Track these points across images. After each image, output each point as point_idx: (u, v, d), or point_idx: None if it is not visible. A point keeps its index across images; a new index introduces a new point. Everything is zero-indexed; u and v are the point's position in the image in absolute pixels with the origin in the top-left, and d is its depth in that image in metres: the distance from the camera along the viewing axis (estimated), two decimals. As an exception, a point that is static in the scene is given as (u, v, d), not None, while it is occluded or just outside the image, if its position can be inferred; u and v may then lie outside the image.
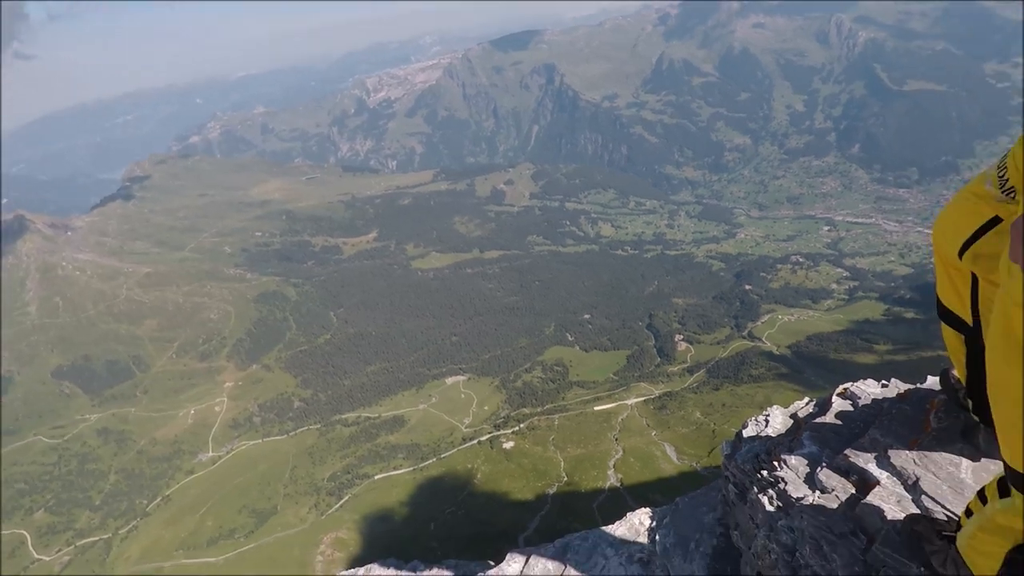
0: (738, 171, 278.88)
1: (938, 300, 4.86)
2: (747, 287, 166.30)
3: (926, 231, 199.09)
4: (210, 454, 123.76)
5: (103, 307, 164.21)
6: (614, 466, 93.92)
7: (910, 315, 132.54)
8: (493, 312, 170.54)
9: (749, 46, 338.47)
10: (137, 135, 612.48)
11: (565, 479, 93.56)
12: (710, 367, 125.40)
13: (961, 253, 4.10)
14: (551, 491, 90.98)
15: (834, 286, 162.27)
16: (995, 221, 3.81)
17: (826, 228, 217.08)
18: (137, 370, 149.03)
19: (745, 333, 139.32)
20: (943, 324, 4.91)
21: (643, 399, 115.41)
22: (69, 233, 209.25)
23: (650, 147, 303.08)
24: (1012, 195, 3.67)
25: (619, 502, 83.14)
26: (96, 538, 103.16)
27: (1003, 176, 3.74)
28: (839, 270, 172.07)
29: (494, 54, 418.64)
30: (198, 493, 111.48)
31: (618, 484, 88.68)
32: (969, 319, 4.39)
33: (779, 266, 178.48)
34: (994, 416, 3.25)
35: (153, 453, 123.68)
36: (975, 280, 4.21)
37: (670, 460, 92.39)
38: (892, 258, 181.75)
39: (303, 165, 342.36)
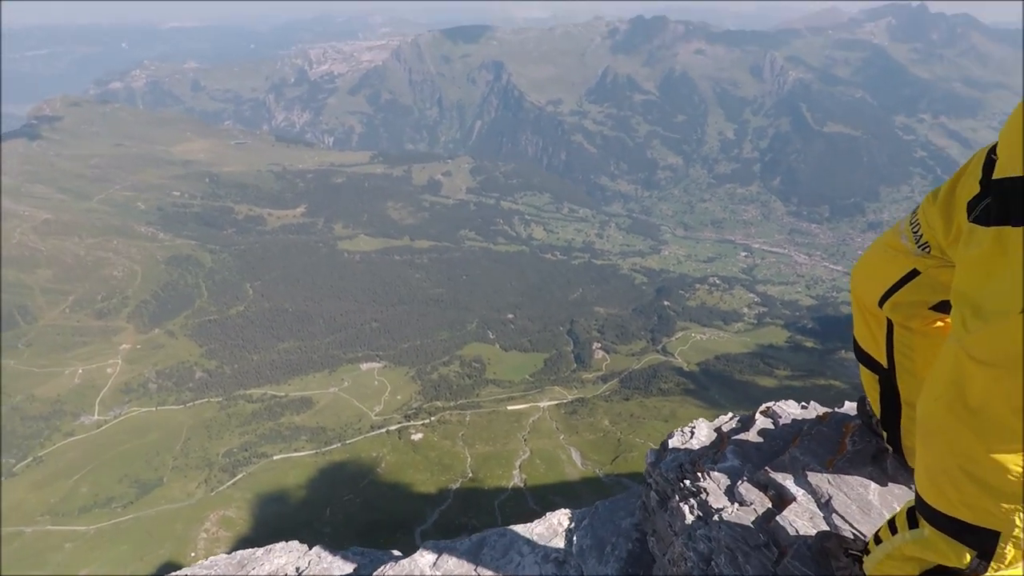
0: (668, 190, 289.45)
1: (855, 342, 5.17)
2: (666, 303, 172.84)
3: (831, 266, 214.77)
4: (95, 417, 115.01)
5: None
6: (520, 466, 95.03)
7: (810, 344, 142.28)
8: (417, 302, 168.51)
9: (689, 70, 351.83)
10: (48, 72, 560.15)
11: (470, 475, 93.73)
12: (623, 377, 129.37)
13: (881, 302, 4.39)
14: (454, 486, 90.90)
15: (745, 310, 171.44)
16: (914, 273, 4.13)
17: (743, 254, 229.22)
18: (22, 320, 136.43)
19: (659, 347, 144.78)
20: (860, 364, 5.19)
21: (556, 403, 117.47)
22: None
23: (588, 156, 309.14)
24: (927, 250, 4.00)
25: (521, 502, 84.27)
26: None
27: (917, 232, 4.06)
28: (751, 295, 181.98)
29: (444, 43, 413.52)
30: (75, 457, 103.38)
31: (521, 484, 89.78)
32: (884, 361, 4.70)
33: (697, 286, 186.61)
34: (918, 451, 3.40)
35: (29, 411, 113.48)
36: (890, 326, 4.53)
37: (575, 465, 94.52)
38: (799, 288, 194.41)
39: (233, 129, 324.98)
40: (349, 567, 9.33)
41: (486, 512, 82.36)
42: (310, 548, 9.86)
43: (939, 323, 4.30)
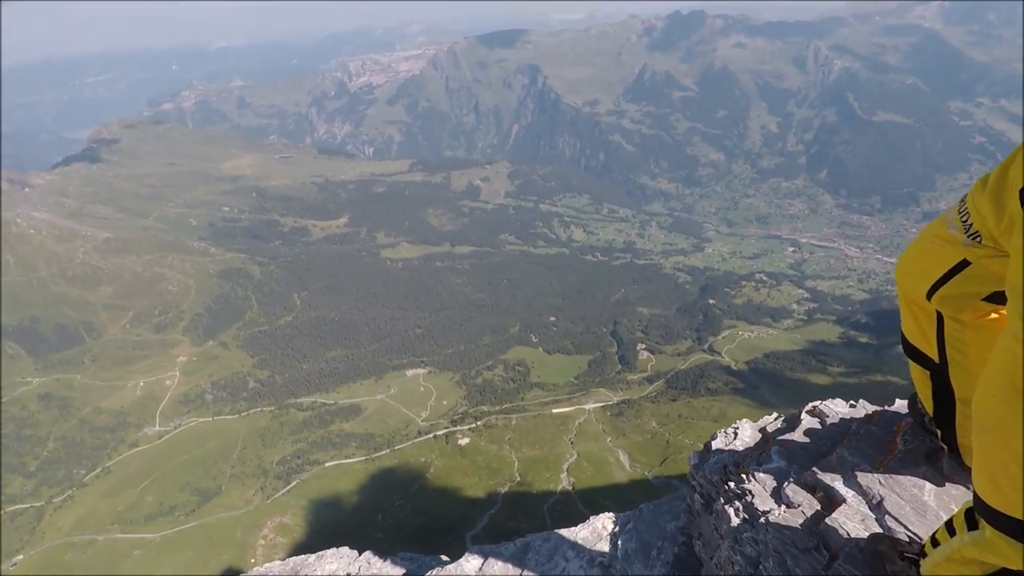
0: (710, 187, 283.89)
1: (903, 337, 5.03)
2: (711, 301, 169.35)
3: (885, 259, 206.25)
4: (156, 428, 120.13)
5: (56, 269, 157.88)
6: (567, 469, 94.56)
7: (864, 339, 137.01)
8: (459, 307, 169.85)
9: (729, 64, 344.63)
10: (107, 96, 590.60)
11: (518, 479, 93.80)
12: (669, 378, 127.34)
13: (929, 295, 4.26)
14: (503, 490, 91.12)
15: (794, 306, 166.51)
16: (963, 264, 3.98)
17: (791, 249, 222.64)
18: (87, 336, 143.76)
19: (706, 347, 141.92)
20: (909, 360, 5.01)
21: (601, 405, 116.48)
22: (27, 190, 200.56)
23: (627, 156, 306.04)
24: (978, 239, 3.81)
25: (570, 505, 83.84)
26: (27, 505, 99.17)
27: (966, 220, 3.88)
28: (800, 291, 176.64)
29: (479, 49, 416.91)
30: (140, 467, 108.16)
31: (570, 488, 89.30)
32: (935, 356, 4.53)
33: (743, 283, 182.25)
34: (975, 448, 3.27)
35: (96, 423, 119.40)
36: (940, 319, 4.36)
37: (623, 467, 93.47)
38: (851, 283, 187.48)
39: (278, 143, 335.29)
40: (399, 571, 9.51)
41: (535, 516, 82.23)
42: (360, 554, 10.09)
43: (993, 315, 4.14)
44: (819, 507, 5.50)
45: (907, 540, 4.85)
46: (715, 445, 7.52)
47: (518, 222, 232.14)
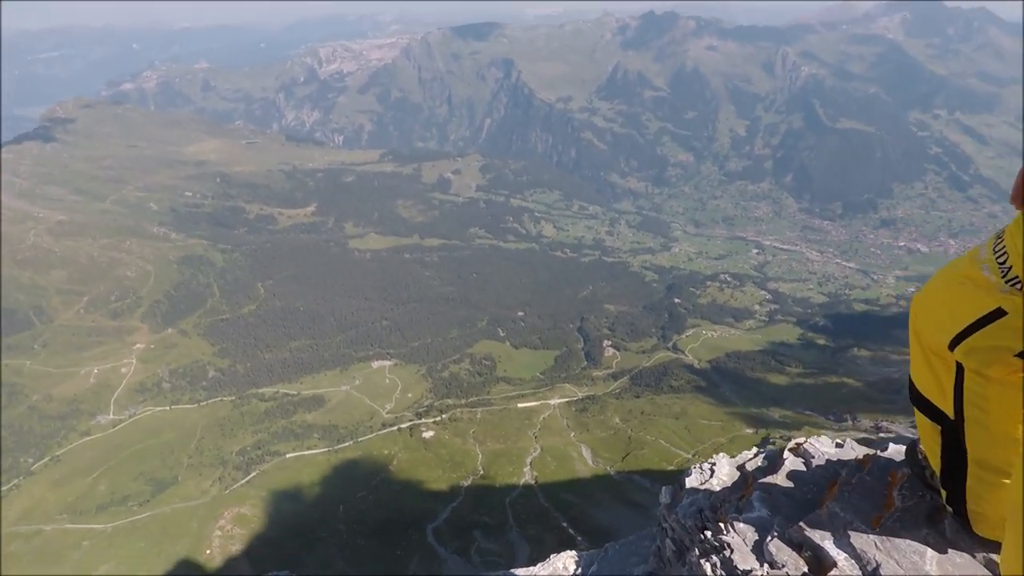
0: (679, 187, 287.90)
1: (912, 385, 4.47)
2: (676, 300, 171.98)
3: (844, 263, 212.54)
4: (111, 417, 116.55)
5: (6, 251, 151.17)
6: (531, 464, 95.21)
7: (822, 341, 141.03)
8: (427, 300, 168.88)
9: (700, 66, 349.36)
10: (62, 75, 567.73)
11: (481, 472, 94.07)
12: (633, 375, 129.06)
13: (953, 345, 3.69)
14: (466, 483, 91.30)
15: (756, 307, 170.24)
16: (998, 313, 3.39)
17: (755, 251, 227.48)
18: (38, 321, 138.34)
19: (670, 345, 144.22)
20: (916, 410, 4.50)
21: (566, 400, 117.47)
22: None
23: (598, 153, 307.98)
24: (1018, 285, 3.31)
25: (532, 499, 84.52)
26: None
27: (1003, 262, 3.38)
28: (763, 292, 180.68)
29: (453, 41, 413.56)
30: (93, 456, 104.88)
31: (532, 482, 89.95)
32: (950, 411, 4.00)
33: (708, 283, 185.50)
34: (1010, 529, 3.07)
35: (47, 410, 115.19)
36: (960, 370, 3.80)
37: (585, 462, 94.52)
38: (811, 286, 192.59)
39: (244, 128, 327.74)
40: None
41: (498, 509, 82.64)
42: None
43: None
44: (806, 569, 4.92)
45: None
46: (689, 483, 7.03)
47: (489, 216, 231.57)
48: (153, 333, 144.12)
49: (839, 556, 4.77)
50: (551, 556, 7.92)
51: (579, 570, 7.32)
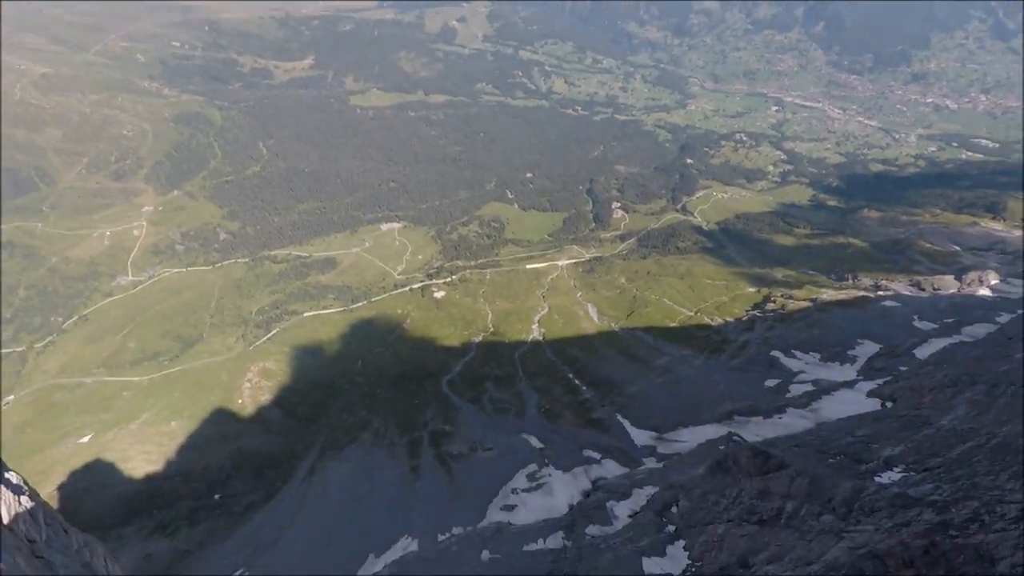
0: (700, 37, 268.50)
1: None
2: (689, 161, 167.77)
3: (866, 121, 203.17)
4: (130, 278, 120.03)
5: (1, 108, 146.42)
6: (539, 321, 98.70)
7: (832, 203, 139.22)
8: (434, 160, 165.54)
9: None
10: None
11: (492, 330, 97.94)
12: (641, 236, 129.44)
13: None
14: (477, 339, 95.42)
15: (770, 168, 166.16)
16: None
17: (774, 108, 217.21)
18: (41, 183, 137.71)
19: (679, 206, 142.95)
20: None
21: (573, 261, 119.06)
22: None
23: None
24: None
25: (540, 353, 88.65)
26: (9, 350, 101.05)
27: None
28: (778, 152, 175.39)
29: None
30: (118, 315, 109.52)
31: (540, 338, 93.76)
32: None
33: (723, 143, 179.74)
34: None
35: (66, 272, 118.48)
36: None
37: (591, 319, 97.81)
38: (829, 145, 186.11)
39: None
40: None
41: (507, 363, 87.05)
42: None
43: None
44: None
45: None
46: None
47: (496, 70, 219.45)
48: (159, 195, 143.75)
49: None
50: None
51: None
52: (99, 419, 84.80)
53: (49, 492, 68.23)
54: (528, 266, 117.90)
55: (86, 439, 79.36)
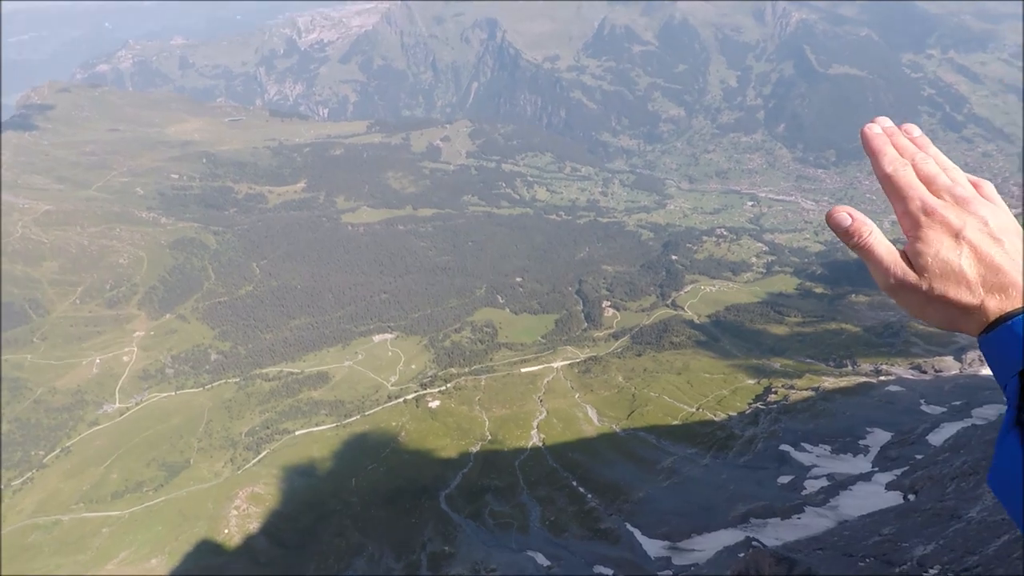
0: (671, 143, 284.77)
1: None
2: (673, 257, 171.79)
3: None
4: (117, 405, 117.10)
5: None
6: (537, 426, 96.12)
7: (819, 290, 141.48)
8: (424, 271, 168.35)
9: (689, 17, 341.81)
10: (35, 58, 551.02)
11: (489, 438, 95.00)
12: (634, 333, 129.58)
13: None
14: (475, 449, 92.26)
15: (753, 259, 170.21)
16: None
17: (750, 203, 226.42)
18: (34, 314, 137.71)
19: (669, 302, 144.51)
20: None
21: (569, 362, 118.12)
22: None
23: (588, 113, 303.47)
24: None
25: (541, 461, 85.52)
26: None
27: None
28: (759, 244, 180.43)
29: (435, 3, 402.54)
30: (103, 445, 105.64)
31: (540, 444, 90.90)
32: None
33: (704, 238, 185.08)
34: None
35: (52, 403, 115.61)
36: None
37: (591, 422, 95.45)
38: (807, 235, 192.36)
39: (226, 105, 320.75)
40: None
41: (507, 473, 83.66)
42: None
43: None
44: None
45: None
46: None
47: (481, 183, 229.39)
48: (151, 320, 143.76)
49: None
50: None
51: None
52: (74, 560, 79.41)
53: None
54: (523, 369, 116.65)
55: (59, 585, 73.76)
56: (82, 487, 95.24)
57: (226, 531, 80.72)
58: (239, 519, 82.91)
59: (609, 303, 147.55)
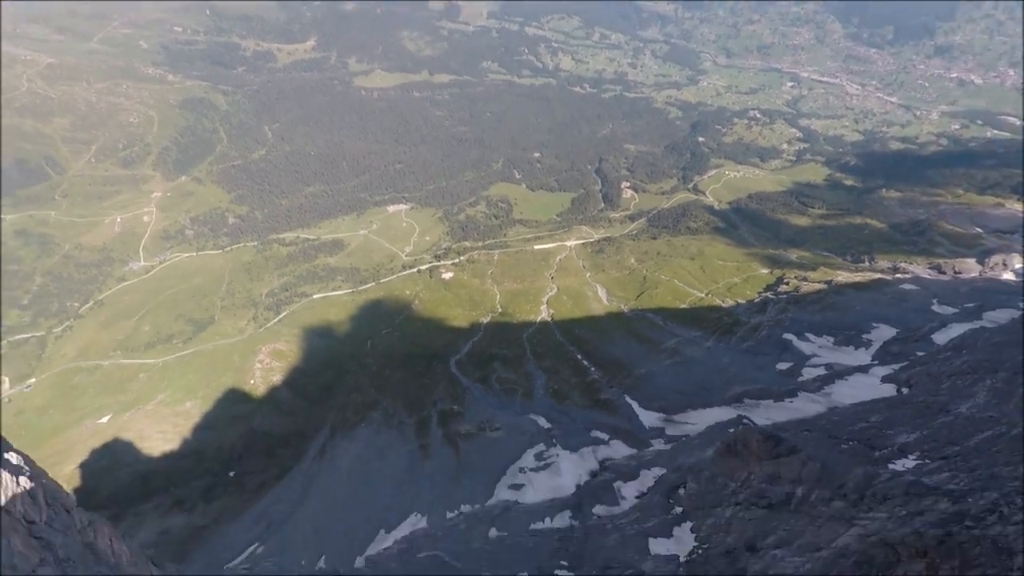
0: (712, 9, 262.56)
1: None
2: (700, 139, 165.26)
3: (886, 97, 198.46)
4: (142, 263, 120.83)
5: (2, 98, 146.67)
6: (547, 302, 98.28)
7: (849, 182, 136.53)
8: (440, 141, 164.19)
9: None
10: None
11: (500, 310, 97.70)
12: (651, 216, 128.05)
13: None
14: (485, 320, 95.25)
15: (785, 146, 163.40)
16: None
17: (790, 84, 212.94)
18: (52, 172, 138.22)
19: (691, 186, 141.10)
20: None
21: (582, 242, 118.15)
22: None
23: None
24: None
25: (548, 335, 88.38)
26: (28, 335, 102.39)
27: None
28: (793, 130, 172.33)
29: None
30: (132, 300, 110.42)
31: (549, 319, 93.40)
32: None
33: (736, 120, 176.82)
34: None
35: (80, 258, 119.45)
36: None
37: (600, 300, 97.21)
38: (846, 123, 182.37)
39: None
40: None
41: (515, 344, 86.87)
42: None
43: None
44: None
45: None
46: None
47: (502, 48, 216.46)
48: (167, 181, 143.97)
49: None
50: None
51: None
52: (117, 400, 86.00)
53: (70, 471, 69.58)
54: (536, 247, 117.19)
55: (105, 420, 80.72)
56: (117, 337, 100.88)
57: (252, 382, 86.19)
58: (263, 372, 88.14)
59: (628, 184, 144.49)
